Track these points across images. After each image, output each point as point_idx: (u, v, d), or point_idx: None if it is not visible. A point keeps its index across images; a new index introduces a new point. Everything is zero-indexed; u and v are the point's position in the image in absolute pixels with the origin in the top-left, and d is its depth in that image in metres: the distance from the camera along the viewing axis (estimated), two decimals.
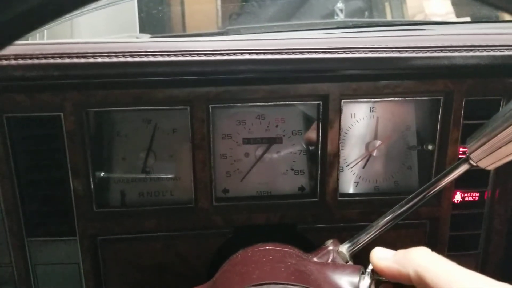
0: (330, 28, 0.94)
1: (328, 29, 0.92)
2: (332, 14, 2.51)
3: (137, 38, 1.09)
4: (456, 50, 0.49)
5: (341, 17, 2.60)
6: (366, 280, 0.42)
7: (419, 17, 3.17)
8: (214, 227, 0.58)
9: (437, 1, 3.04)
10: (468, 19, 2.55)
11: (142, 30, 1.30)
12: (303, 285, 0.37)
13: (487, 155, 0.41)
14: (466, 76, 0.53)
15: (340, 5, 2.56)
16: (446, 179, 0.45)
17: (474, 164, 0.42)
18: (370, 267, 0.43)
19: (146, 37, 1.15)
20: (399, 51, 0.48)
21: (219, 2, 2.00)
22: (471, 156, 0.42)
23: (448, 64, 0.49)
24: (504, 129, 0.38)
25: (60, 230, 0.56)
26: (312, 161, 0.61)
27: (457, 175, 0.44)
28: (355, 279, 0.42)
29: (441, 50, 0.49)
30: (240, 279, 0.39)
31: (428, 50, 0.49)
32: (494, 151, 0.40)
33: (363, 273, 0.43)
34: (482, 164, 0.42)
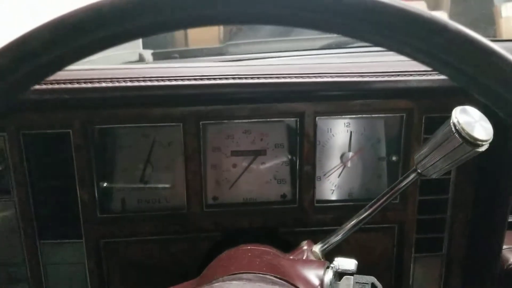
0: (324, 48, 1.01)
1: (321, 49, 0.99)
2: None
3: (140, 54, 1.17)
4: (411, 75, 0.56)
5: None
6: (330, 273, 0.49)
7: None
8: (204, 231, 0.65)
9: (434, 14, 3.12)
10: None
11: (145, 45, 1.37)
12: (272, 274, 0.44)
13: (429, 166, 0.48)
14: (423, 96, 0.60)
15: None
16: (400, 186, 0.52)
17: (421, 173, 0.50)
18: (334, 262, 0.50)
19: (148, 52, 1.23)
20: (361, 76, 0.56)
21: None
22: (418, 167, 0.49)
23: (405, 86, 0.56)
24: (440, 145, 0.46)
25: (68, 233, 0.63)
26: (292, 171, 0.68)
27: (409, 183, 0.51)
28: (320, 272, 0.49)
29: (398, 75, 0.56)
30: (221, 271, 0.46)
31: (386, 75, 0.56)
32: (434, 163, 0.47)
33: (328, 268, 0.50)
34: (427, 174, 0.49)
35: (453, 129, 0.44)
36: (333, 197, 0.69)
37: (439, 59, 0.29)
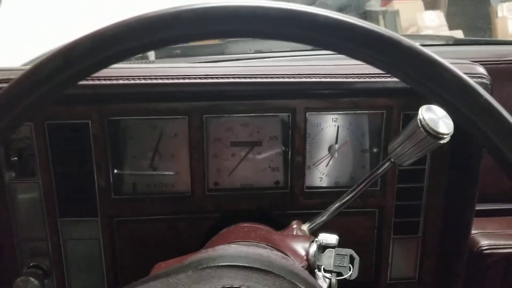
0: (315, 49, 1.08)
1: (313, 49, 1.07)
2: None
3: None
4: (389, 76, 0.64)
5: None
6: (314, 246, 0.57)
7: (412, 30, 3.31)
8: (206, 212, 0.73)
9: (430, 13, 3.17)
10: (460, 32, 2.70)
11: None
12: (264, 243, 0.52)
13: (400, 155, 0.56)
14: (401, 95, 0.68)
15: None
16: (376, 173, 0.60)
17: (394, 162, 0.58)
18: (318, 237, 0.59)
19: None
20: (345, 77, 0.64)
21: None
22: (391, 156, 0.57)
23: (382, 87, 0.64)
24: (409, 137, 0.54)
25: (85, 212, 0.70)
26: (285, 160, 0.76)
27: (384, 170, 0.60)
28: (306, 245, 0.57)
29: (377, 76, 0.64)
30: (221, 241, 0.54)
31: (367, 76, 0.64)
32: (404, 152, 0.55)
33: (312, 241, 0.58)
34: (399, 162, 0.57)
35: (419, 124, 0.53)
36: (321, 184, 0.77)
37: (394, 67, 0.38)
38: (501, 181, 0.86)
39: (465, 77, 0.36)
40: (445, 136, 0.53)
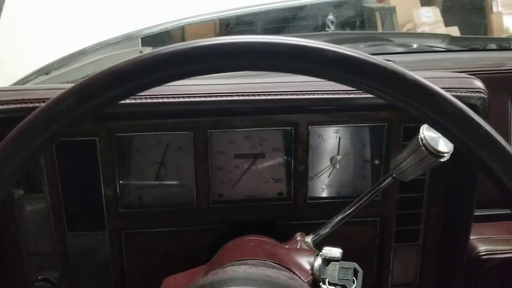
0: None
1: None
2: (323, 25, 2.67)
3: (140, 51, 1.25)
4: None
5: (331, 29, 2.76)
6: (319, 260, 0.59)
7: (408, 27, 3.32)
8: (211, 224, 0.75)
9: (426, 10, 3.17)
10: (456, 28, 2.70)
11: (144, 43, 1.45)
12: (271, 260, 0.54)
13: (402, 172, 0.58)
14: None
15: (330, 17, 2.72)
16: (378, 187, 0.62)
17: (395, 177, 0.60)
18: (322, 251, 0.60)
19: (148, 50, 1.31)
20: (347, 93, 0.65)
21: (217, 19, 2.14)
22: (393, 172, 0.59)
23: (383, 102, 0.66)
24: (410, 155, 0.55)
25: (93, 225, 0.72)
26: (288, 171, 0.77)
27: (386, 185, 0.61)
28: (311, 259, 0.59)
29: None
30: (228, 257, 0.56)
31: None
32: (406, 169, 0.57)
33: (317, 255, 0.60)
34: (401, 178, 0.59)
35: (420, 143, 0.54)
36: (324, 195, 0.78)
37: (397, 98, 0.39)
38: None
39: (466, 108, 0.37)
40: (445, 155, 0.54)
